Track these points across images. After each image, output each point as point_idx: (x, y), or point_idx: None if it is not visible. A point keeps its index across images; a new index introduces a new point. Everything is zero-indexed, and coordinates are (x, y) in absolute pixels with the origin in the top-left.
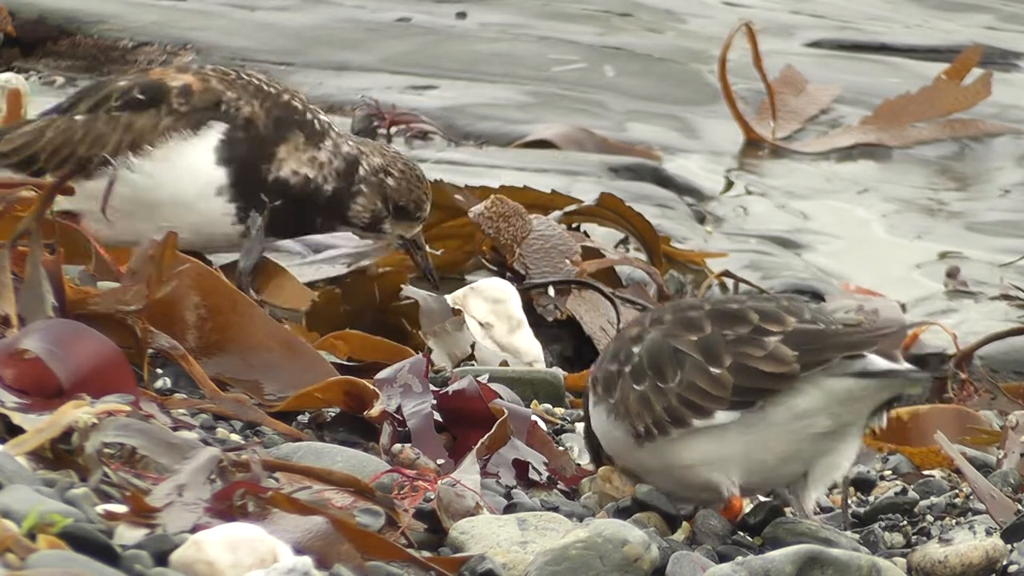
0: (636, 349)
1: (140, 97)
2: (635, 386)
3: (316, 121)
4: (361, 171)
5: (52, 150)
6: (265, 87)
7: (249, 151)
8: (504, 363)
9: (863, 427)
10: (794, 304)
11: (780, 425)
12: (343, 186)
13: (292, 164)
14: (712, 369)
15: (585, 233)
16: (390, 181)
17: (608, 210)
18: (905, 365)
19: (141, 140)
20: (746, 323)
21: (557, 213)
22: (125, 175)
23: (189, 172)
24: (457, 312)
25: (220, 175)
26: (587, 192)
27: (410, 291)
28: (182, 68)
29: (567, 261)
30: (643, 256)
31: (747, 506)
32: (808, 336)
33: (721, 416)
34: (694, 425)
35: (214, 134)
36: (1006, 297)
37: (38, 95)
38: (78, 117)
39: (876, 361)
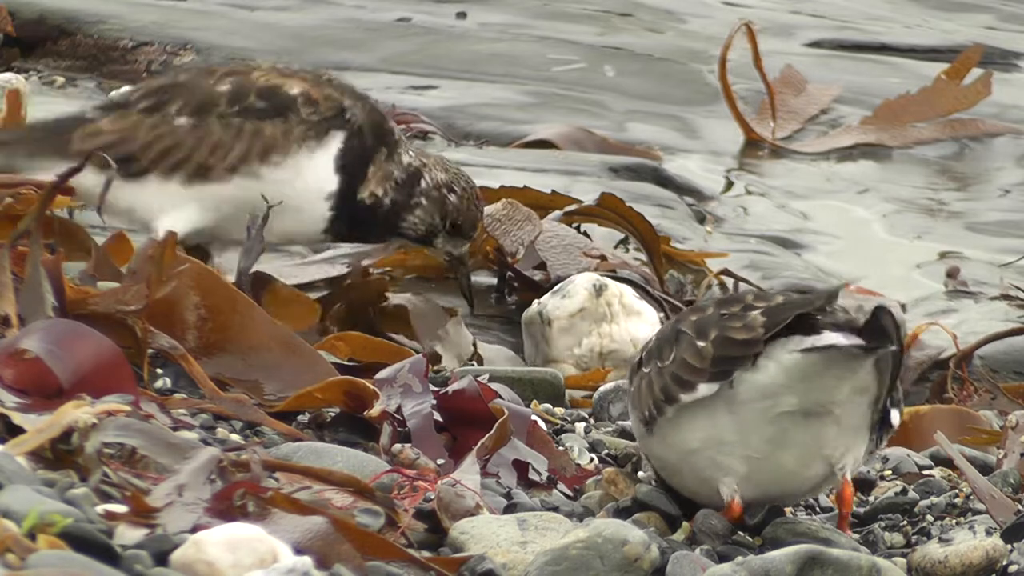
0: (652, 338)
1: (262, 105)
2: (643, 370)
3: (394, 130)
4: (423, 184)
5: (159, 152)
6: (356, 90)
7: (357, 158)
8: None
9: (849, 420)
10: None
11: (751, 403)
12: (402, 198)
13: (372, 184)
14: (699, 343)
15: (585, 233)
16: (452, 198)
17: (608, 210)
18: (853, 339)
19: (272, 149)
20: (740, 303)
21: (557, 213)
22: (247, 183)
23: (313, 180)
24: (452, 313)
25: (333, 182)
26: (587, 192)
27: (398, 297)
28: (277, 70)
29: (584, 256)
30: (643, 256)
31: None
32: (780, 306)
33: (703, 389)
34: (681, 400)
35: (336, 142)
36: (1006, 297)
37: (38, 95)
38: (180, 120)
39: (829, 337)
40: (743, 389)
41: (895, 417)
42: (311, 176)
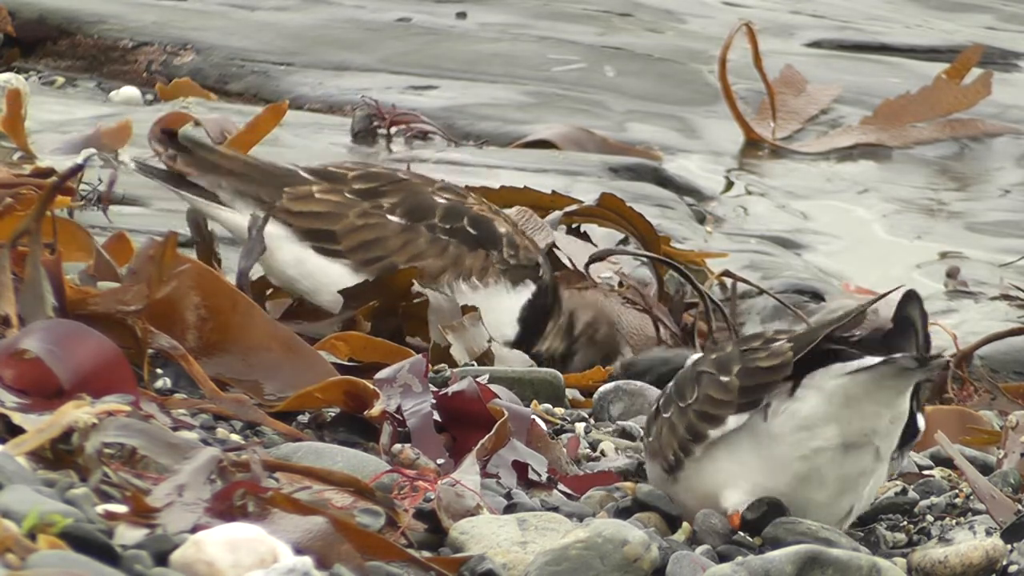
0: (669, 385)
1: (472, 232)
2: (664, 415)
3: (559, 286)
4: (577, 329)
5: (361, 242)
6: (540, 246)
7: (539, 314)
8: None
9: (887, 449)
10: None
11: (785, 436)
12: (566, 344)
13: (551, 340)
14: (722, 378)
15: (585, 234)
16: (599, 336)
17: (608, 210)
18: (900, 354)
19: (467, 276)
20: (761, 338)
21: (557, 213)
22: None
23: (495, 323)
24: (468, 309)
25: (513, 332)
26: (587, 192)
27: (421, 289)
28: (487, 204)
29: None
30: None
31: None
32: (807, 331)
33: (732, 421)
34: (710, 436)
35: (527, 293)
36: (1006, 297)
37: (38, 95)
38: (392, 218)
39: (872, 358)
40: (778, 422)
41: (921, 422)
42: (493, 319)
